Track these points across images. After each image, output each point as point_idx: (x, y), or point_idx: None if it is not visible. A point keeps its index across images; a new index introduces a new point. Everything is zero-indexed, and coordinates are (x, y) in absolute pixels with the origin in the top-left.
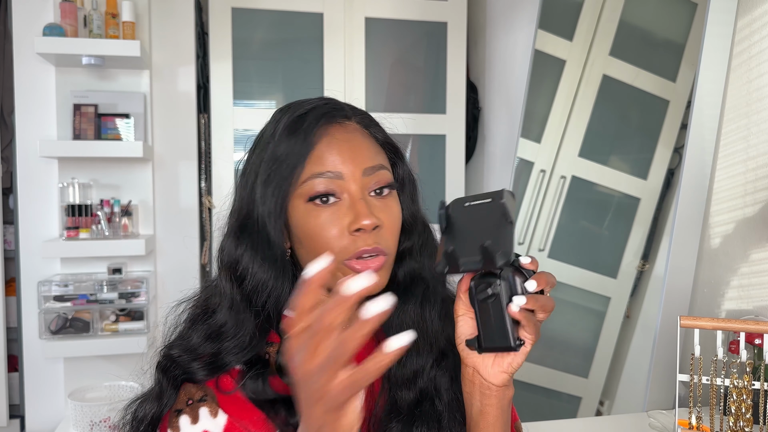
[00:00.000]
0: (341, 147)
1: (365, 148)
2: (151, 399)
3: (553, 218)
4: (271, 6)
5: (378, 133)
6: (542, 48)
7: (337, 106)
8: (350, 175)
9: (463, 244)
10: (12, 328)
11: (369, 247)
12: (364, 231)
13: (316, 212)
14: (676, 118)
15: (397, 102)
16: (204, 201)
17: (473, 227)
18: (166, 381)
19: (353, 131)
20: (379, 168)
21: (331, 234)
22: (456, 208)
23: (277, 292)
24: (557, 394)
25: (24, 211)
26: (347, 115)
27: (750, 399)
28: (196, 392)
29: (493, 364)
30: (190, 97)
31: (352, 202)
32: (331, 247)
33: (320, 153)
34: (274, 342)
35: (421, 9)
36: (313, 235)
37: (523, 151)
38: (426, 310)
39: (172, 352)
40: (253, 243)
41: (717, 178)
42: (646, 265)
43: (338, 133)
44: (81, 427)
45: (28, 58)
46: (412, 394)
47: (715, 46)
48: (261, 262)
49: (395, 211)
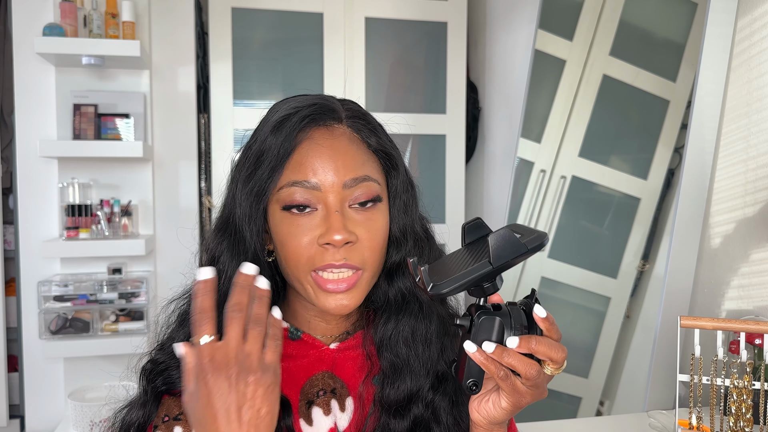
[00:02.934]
0: (323, 154)
1: (350, 156)
2: (137, 406)
3: (553, 218)
4: (271, 6)
5: (371, 139)
6: (542, 48)
7: (329, 107)
8: (329, 186)
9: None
10: (12, 328)
11: (337, 263)
12: (334, 245)
13: (290, 220)
14: (676, 118)
15: (397, 102)
16: (204, 201)
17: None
18: (150, 390)
19: (340, 136)
20: (362, 180)
21: (300, 243)
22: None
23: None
24: (557, 394)
25: (24, 211)
26: (338, 118)
27: (750, 399)
28: (174, 408)
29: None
30: (190, 97)
31: (327, 213)
32: (299, 256)
33: (300, 159)
34: None
35: (421, 9)
36: (284, 242)
37: (523, 151)
38: (420, 329)
39: (157, 357)
40: (230, 242)
41: (717, 178)
42: (646, 265)
43: (322, 138)
44: (81, 427)
45: (28, 58)
46: (405, 422)
47: (716, 46)
48: (237, 263)
49: (378, 225)
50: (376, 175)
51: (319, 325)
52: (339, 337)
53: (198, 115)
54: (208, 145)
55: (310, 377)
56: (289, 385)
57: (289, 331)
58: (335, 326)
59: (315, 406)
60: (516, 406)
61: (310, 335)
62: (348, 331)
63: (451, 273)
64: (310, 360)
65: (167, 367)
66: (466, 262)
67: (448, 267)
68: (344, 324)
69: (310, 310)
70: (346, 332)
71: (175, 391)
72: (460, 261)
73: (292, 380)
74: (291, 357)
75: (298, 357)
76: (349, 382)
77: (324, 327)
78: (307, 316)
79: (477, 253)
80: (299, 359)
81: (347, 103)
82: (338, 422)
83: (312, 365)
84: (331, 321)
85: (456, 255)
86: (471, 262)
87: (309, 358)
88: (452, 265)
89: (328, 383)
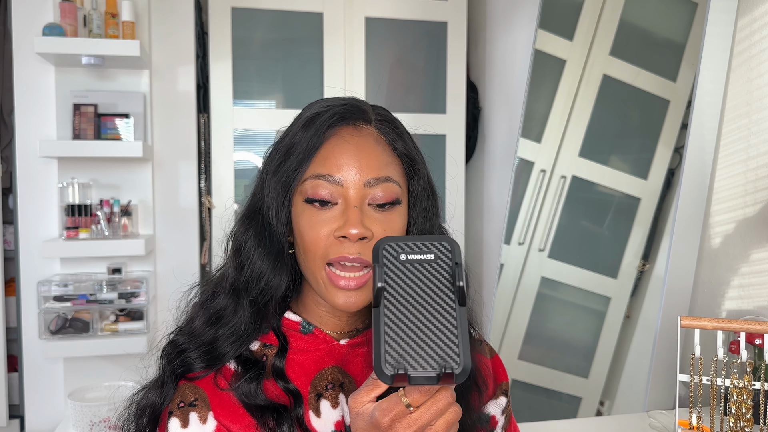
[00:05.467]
0: (348, 151)
1: (374, 156)
2: (154, 387)
3: (553, 218)
4: (271, 6)
5: (397, 143)
6: (542, 48)
7: (360, 108)
8: (351, 182)
9: (409, 350)
10: (12, 328)
11: (351, 256)
12: (349, 239)
13: (310, 212)
14: (676, 118)
15: (397, 102)
16: (204, 201)
17: (419, 310)
18: (169, 370)
19: (367, 136)
20: (384, 180)
21: (317, 234)
22: (390, 260)
23: (272, 284)
24: (557, 394)
25: (24, 211)
26: (367, 119)
27: (750, 399)
28: (189, 394)
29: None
30: (189, 97)
31: (346, 208)
32: (315, 247)
33: (326, 153)
34: (273, 344)
35: (421, 9)
36: (302, 233)
37: (523, 151)
38: None
39: (177, 338)
40: (257, 231)
41: (717, 178)
42: (646, 265)
43: (350, 135)
44: (81, 427)
45: (27, 57)
46: None
47: (716, 46)
48: (261, 252)
49: (395, 226)
50: (398, 178)
51: (330, 321)
52: (349, 333)
53: (198, 115)
54: (207, 145)
55: (320, 370)
56: (300, 377)
57: (301, 325)
58: (346, 323)
59: (323, 399)
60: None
61: (321, 330)
62: (359, 328)
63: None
64: (320, 354)
65: (186, 348)
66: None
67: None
68: (355, 321)
69: (321, 306)
70: (357, 329)
71: (191, 375)
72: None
73: (303, 373)
74: (303, 351)
75: (309, 351)
76: (358, 377)
77: (335, 323)
78: (319, 312)
79: (429, 296)
80: (311, 353)
81: (378, 108)
82: (346, 416)
83: (322, 359)
84: (342, 317)
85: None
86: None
87: (320, 352)
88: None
89: (337, 377)
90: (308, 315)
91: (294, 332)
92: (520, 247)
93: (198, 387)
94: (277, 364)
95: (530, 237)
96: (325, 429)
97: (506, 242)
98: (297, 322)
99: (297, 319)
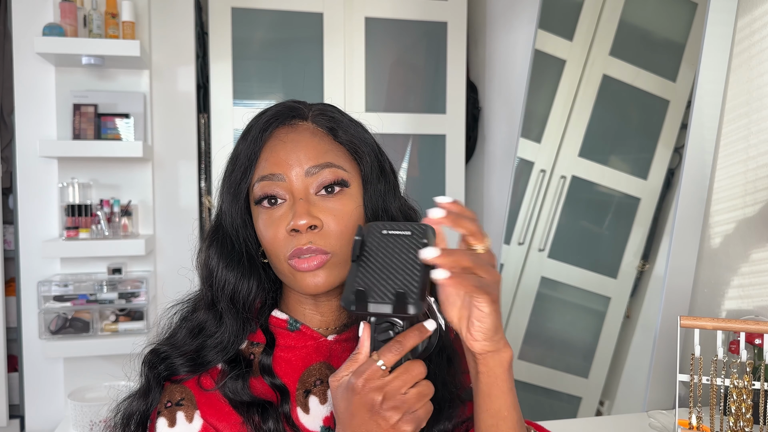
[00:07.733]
0: (285, 148)
1: (312, 147)
2: (138, 396)
3: (553, 218)
4: (271, 6)
5: (336, 132)
6: (542, 48)
7: (293, 107)
8: (293, 176)
9: (375, 283)
10: (12, 328)
11: (303, 246)
12: (300, 231)
13: (265, 214)
14: (676, 118)
15: (397, 102)
16: (204, 201)
17: (388, 262)
18: (152, 377)
19: (303, 131)
20: (325, 166)
21: (275, 234)
22: (372, 233)
23: (241, 289)
24: (557, 394)
25: (24, 211)
26: (302, 116)
27: (750, 399)
28: (176, 394)
29: (465, 329)
30: (189, 97)
31: (293, 203)
32: (275, 247)
33: (266, 155)
34: (260, 342)
35: (421, 9)
36: (262, 236)
37: (523, 151)
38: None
39: (159, 347)
40: (219, 244)
41: (717, 178)
42: (646, 265)
43: (285, 134)
44: (81, 427)
45: (27, 57)
46: None
47: (715, 46)
48: (224, 262)
49: (346, 210)
50: (343, 163)
51: (315, 317)
52: (337, 329)
53: (198, 115)
54: (207, 145)
55: (308, 367)
56: (288, 374)
57: (288, 323)
58: (330, 318)
59: (312, 395)
60: (490, 299)
61: (308, 326)
62: (345, 323)
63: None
64: (308, 351)
65: (169, 355)
66: (403, 268)
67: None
68: (340, 316)
69: (304, 303)
70: (344, 324)
71: (176, 378)
72: (395, 267)
73: (291, 370)
74: (290, 348)
75: (297, 347)
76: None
77: (320, 319)
78: (302, 309)
79: (399, 254)
80: (298, 350)
81: (319, 104)
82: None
83: (310, 356)
84: (325, 313)
85: (379, 261)
86: (410, 269)
87: (307, 349)
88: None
89: (326, 373)
90: (294, 313)
91: (281, 330)
92: (520, 247)
93: (185, 387)
94: (264, 360)
95: (530, 237)
96: (314, 425)
97: (506, 242)
98: (284, 319)
99: (284, 316)
